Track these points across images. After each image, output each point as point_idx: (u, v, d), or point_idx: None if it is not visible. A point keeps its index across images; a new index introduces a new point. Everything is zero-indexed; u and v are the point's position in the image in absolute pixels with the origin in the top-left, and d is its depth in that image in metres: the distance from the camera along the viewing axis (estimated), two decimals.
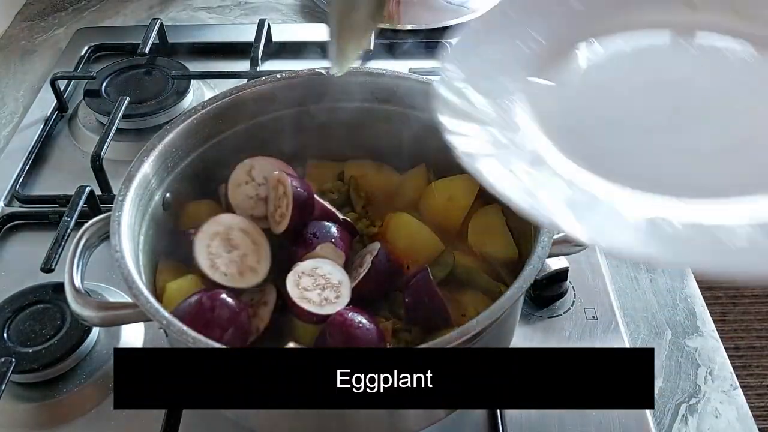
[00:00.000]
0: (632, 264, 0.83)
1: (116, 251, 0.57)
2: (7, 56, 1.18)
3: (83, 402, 0.69)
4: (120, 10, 1.28)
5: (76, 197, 0.80)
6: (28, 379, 0.70)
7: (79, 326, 0.72)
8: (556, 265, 0.75)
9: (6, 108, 1.07)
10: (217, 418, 0.67)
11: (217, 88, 1.07)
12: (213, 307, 0.57)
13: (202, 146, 0.71)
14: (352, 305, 0.60)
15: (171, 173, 0.68)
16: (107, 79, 1.04)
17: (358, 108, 0.74)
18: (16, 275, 0.80)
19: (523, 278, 0.55)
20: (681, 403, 0.71)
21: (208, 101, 0.71)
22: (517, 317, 0.68)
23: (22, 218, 0.88)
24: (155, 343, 0.74)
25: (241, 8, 1.28)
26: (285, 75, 0.74)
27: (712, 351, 0.75)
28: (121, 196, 0.61)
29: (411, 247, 0.67)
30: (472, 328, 0.51)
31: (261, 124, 0.74)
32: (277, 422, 0.60)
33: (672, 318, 0.78)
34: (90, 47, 1.15)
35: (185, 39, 1.16)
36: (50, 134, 1.00)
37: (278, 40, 1.14)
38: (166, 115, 0.99)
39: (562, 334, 0.74)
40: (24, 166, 0.94)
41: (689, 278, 0.82)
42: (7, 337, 0.71)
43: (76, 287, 0.59)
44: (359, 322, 0.57)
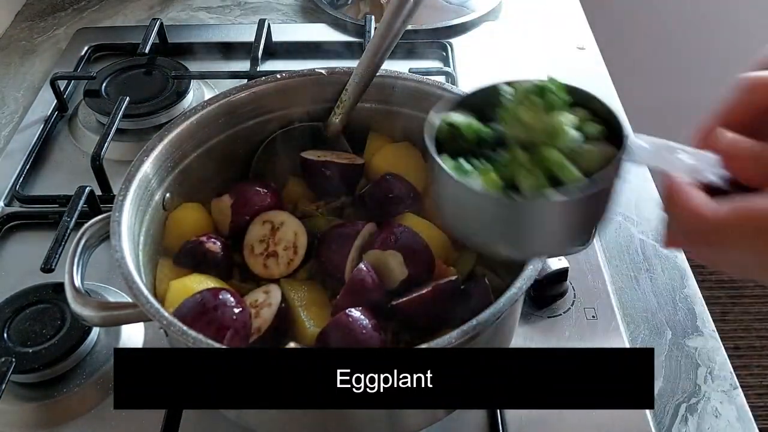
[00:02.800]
0: (632, 263, 0.84)
1: (116, 251, 0.57)
2: (7, 56, 1.18)
3: (83, 402, 0.69)
4: (120, 10, 1.28)
5: (76, 197, 0.80)
6: (28, 379, 0.70)
7: (79, 326, 0.72)
8: (556, 265, 0.75)
9: (6, 108, 1.07)
10: (217, 418, 0.67)
11: (217, 88, 1.07)
12: (215, 306, 0.57)
13: (202, 146, 0.71)
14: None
15: (171, 173, 0.68)
16: (107, 79, 1.04)
17: (358, 108, 0.74)
18: (16, 275, 0.81)
19: (523, 278, 0.55)
20: (681, 403, 0.71)
21: (208, 101, 0.71)
22: (517, 317, 0.68)
23: (22, 218, 0.88)
24: (155, 343, 0.74)
25: (241, 8, 1.28)
26: (285, 75, 0.74)
27: (712, 351, 0.75)
28: (121, 196, 0.61)
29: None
30: (472, 328, 0.52)
31: (261, 124, 0.74)
32: (277, 422, 0.60)
33: (672, 318, 0.78)
34: (90, 47, 1.15)
35: (185, 39, 1.16)
36: (50, 134, 1.00)
37: (278, 40, 1.14)
38: (166, 115, 0.99)
39: (562, 334, 0.74)
40: (24, 166, 0.94)
41: (689, 278, 0.82)
42: (7, 337, 0.71)
43: (76, 287, 0.59)
44: (360, 323, 0.57)
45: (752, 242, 0.43)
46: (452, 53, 1.10)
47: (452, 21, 1.16)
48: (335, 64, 0.74)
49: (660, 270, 0.83)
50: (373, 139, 0.76)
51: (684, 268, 0.84)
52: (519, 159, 0.45)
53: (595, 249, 0.82)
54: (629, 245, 0.86)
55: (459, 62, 1.09)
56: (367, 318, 0.58)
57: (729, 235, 0.43)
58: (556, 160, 0.44)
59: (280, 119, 0.75)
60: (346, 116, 0.74)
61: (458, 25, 1.16)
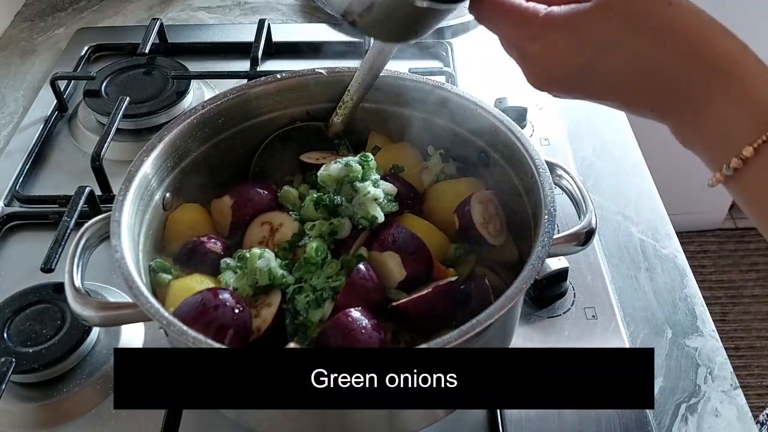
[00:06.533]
0: (632, 263, 0.84)
1: (116, 251, 0.57)
2: (7, 56, 1.18)
3: (83, 402, 0.69)
4: (120, 10, 1.28)
5: (76, 197, 0.80)
6: (28, 379, 0.70)
7: (79, 326, 0.72)
8: (556, 265, 0.75)
9: (6, 108, 1.07)
10: (217, 418, 0.67)
11: (217, 88, 1.07)
12: (215, 306, 0.57)
13: (202, 146, 0.71)
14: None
15: (171, 173, 0.68)
16: (107, 79, 1.04)
17: (358, 108, 0.74)
18: (16, 275, 0.81)
19: (523, 278, 0.55)
20: (681, 402, 0.71)
21: (208, 101, 0.71)
22: (517, 317, 0.68)
23: (22, 218, 0.88)
24: (155, 343, 0.74)
25: (241, 8, 1.28)
26: (285, 75, 0.74)
27: (712, 351, 0.75)
28: (121, 196, 0.61)
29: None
30: (472, 328, 0.52)
31: (261, 124, 0.74)
32: (277, 422, 0.60)
33: (672, 318, 0.78)
34: (90, 47, 1.15)
35: (185, 39, 1.16)
36: (50, 134, 1.00)
37: (278, 40, 1.14)
38: (166, 115, 0.99)
39: (562, 334, 0.74)
40: (24, 166, 0.94)
41: (689, 278, 0.82)
42: (7, 337, 0.71)
43: (76, 287, 0.59)
44: (360, 323, 0.57)
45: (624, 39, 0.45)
46: (452, 53, 1.10)
47: (452, 21, 1.16)
48: (335, 64, 0.74)
49: (660, 270, 0.83)
50: (373, 139, 0.76)
51: (684, 268, 0.84)
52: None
53: (595, 249, 0.82)
54: (629, 245, 0.86)
55: (459, 62, 1.09)
56: (366, 318, 0.58)
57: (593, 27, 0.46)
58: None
59: (280, 119, 0.75)
60: (347, 117, 0.74)
61: (458, 25, 1.15)
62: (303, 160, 0.74)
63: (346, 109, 0.73)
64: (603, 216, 0.89)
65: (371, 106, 0.75)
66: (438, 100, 0.71)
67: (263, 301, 0.62)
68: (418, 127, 0.74)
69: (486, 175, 0.71)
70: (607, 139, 1.00)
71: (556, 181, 0.65)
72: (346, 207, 0.66)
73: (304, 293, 0.61)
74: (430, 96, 0.72)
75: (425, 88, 0.72)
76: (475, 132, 0.70)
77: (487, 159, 0.70)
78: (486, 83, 1.02)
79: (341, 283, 0.61)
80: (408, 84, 0.73)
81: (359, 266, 0.62)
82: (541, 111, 0.99)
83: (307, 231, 0.65)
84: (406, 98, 0.73)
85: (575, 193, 0.65)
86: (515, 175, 0.67)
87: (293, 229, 0.67)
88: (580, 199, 0.64)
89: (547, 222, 0.58)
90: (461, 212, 0.68)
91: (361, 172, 0.66)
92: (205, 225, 0.70)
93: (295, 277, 0.63)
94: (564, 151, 0.94)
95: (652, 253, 0.85)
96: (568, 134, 0.98)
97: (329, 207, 0.66)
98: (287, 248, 0.66)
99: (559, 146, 0.95)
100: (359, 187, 0.65)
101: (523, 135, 0.66)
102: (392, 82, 0.73)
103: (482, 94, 0.72)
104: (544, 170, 0.62)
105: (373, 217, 0.64)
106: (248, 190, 0.70)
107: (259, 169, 0.75)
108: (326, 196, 0.66)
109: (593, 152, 0.98)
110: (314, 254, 0.62)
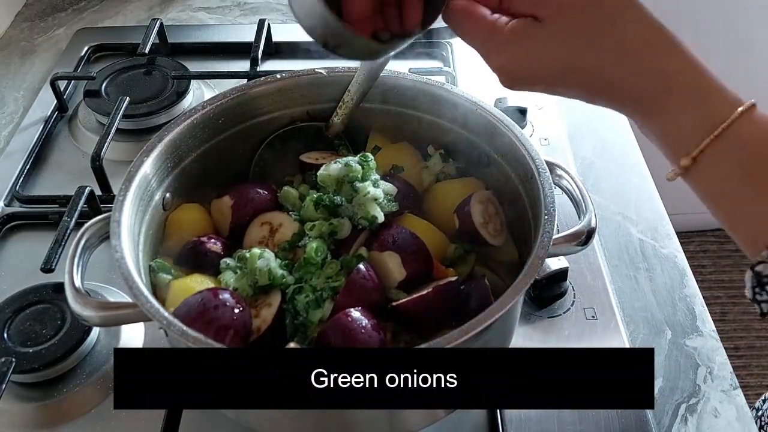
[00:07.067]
0: (632, 263, 0.84)
1: (116, 251, 0.57)
2: (7, 56, 1.18)
3: (83, 402, 0.69)
4: (120, 10, 1.28)
5: (76, 197, 0.80)
6: (28, 379, 0.70)
7: (79, 326, 0.72)
8: (556, 265, 0.75)
9: (6, 108, 1.07)
10: (217, 418, 0.67)
11: (217, 88, 1.07)
12: (215, 306, 0.57)
13: (202, 146, 0.71)
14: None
15: (171, 173, 0.68)
16: (107, 80, 1.04)
17: (359, 108, 0.74)
18: (16, 275, 0.81)
19: (522, 278, 0.55)
20: (681, 403, 0.71)
21: (208, 101, 0.71)
22: (517, 317, 0.68)
23: (22, 218, 0.88)
24: (155, 343, 0.74)
25: (240, 8, 1.28)
26: (285, 75, 0.74)
27: (711, 351, 0.75)
28: (121, 196, 0.61)
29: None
30: (472, 328, 0.52)
31: (261, 124, 0.74)
32: (277, 422, 0.60)
33: (671, 318, 0.78)
34: (90, 47, 1.15)
35: (185, 39, 1.16)
36: (50, 134, 1.00)
37: (278, 40, 1.14)
38: (166, 115, 0.99)
39: (562, 334, 0.74)
40: (24, 166, 0.94)
41: (689, 278, 0.82)
42: (7, 337, 0.71)
43: (76, 287, 0.59)
44: (360, 323, 0.57)
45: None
46: (452, 53, 1.10)
47: None
48: (335, 64, 0.74)
49: (660, 270, 0.83)
50: (373, 139, 0.76)
51: (684, 268, 0.84)
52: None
53: (595, 249, 0.82)
54: (629, 245, 0.86)
55: (459, 62, 1.09)
56: (366, 318, 0.58)
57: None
58: None
59: (280, 119, 0.75)
60: (347, 117, 0.74)
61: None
62: (303, 160, 0.74)
63: (346, 109, 0.73)
64: (603, 216, 0.89)
65: (371, 106, 0.75)
66: (438, 100, 0.72)
67: (263, 301, 0.62)
68: (418, 127, 0.74)
69: (486, 175, 0.71)
70: (607, 139, 1.00)
71: (556, 181, 0.65)
72: (346, 207, 0.66)
73: (304, 293, 0.61)
74: (430, 96, 0.72)
75: (425, 88, 0.72)
76: (475, 132, 0.70)
77: (487, 159, 0.70)
78: (486, 83, 1.01)
79: (341, 283, 0.61)
80: (408, 84, 0.73)
81: (359, 266, 0.62)
82: (541, 111, 0.99)
83: (307, 231, 0.65)
84: (406, 98, 0.73)
85: (575, 193, 0.65)
86: (515, 175, 0.67)
87: (293, 229, 0.67)
88: (579, 199, 0.64)
89: (547, 222, 0.58)
90: (461, 212, 0.68)
91: (361, 172, 0.66)
92: (205, 225, 0.70)
93: (295, 278, 0.63)
94: (564, 151, 0.94)
95: (652, 253, 0.85)
96: (568, 134, 0.98)
97: (329, 207, 0.66)
98: (287, 248, 0.66)
99: (559, 146, 0.95)
100: (359, 187, 0.65)
101: (523, 135, 0.66)
102: (392, 82, 0.73)
103: (482, 94, 0.72)
104: (544, 170, 0.62)
105: (373, 217, 0.64)
106: (248, 190, 0.70)
107: (259, 169, 0.75)
108: (326, 196, 0.66)
109: (593, 152, 0.98)
110: (314, 254, 0.62)
